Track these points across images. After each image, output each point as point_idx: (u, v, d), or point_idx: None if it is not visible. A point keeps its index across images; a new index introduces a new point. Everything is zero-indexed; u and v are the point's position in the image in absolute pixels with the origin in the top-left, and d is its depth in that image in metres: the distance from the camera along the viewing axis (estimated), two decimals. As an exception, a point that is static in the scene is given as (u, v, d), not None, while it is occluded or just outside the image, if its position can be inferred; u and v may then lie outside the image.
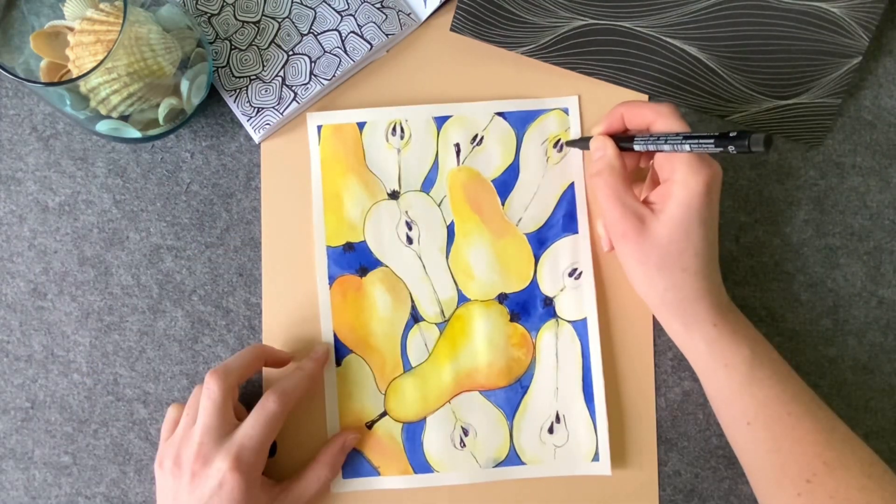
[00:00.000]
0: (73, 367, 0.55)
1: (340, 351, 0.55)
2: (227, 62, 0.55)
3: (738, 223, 0.56)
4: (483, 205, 0.56)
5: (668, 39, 0.56)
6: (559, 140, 0.56)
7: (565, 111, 0.56)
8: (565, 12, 0.56)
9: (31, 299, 0.56)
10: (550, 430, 0.55)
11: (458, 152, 0.56)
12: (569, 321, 0.55)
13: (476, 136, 0.56)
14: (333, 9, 0.56)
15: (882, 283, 0.56)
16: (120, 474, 0.55)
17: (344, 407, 0.55)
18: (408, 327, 0.55)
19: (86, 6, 0.50)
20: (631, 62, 0.56)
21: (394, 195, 0.56)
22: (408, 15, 0.56)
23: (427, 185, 0.56)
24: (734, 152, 0.42)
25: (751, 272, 0.56)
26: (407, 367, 0.55)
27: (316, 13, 0.56)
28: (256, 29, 0.55)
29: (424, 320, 0.55)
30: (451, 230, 0.56)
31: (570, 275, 0.55)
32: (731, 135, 0.42)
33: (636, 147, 0.48)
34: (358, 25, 0.55)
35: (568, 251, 0.56)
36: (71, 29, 0.50)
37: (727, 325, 0.48)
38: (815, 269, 0.56)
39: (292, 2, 0.56)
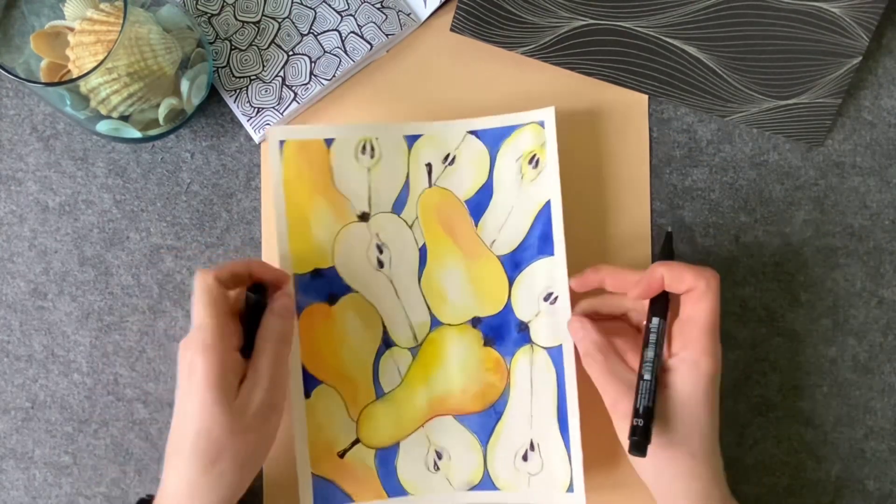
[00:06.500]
0: (73, 367, 0.55)
1: (309, 383, 0.52)
2: (227, 62, 0.55)
3: (738, 223, 0.56)
4: (456, 226, 0.54)
5: (668, 39, 0.56)
6: (534, 156, 0.53)
7: (541, 124, 0.53)
8: (565, 12, 0.56)
9: (32, 299, 0.56)
10: (525, 458, 0.53)
11: (429, 172, 0.54)
12: (544, 347, 0.53)
13: (448, 155, 0.54)
14: (333, 9, 0.56)
15: (882, 283, 0.56)
16: (120, 474, 0.55)
17: (314, 438, 0.52)
18: (379, 353, 0.53)
19: (86, 6, 0.50)
20: (631, 62, 0.56)
21: (363, 217, 0.54)
22: (408, 15, 0.56)
23: (398, 206, 0.54)
24: None
25: (751, 272, 0.56)
26: (379, 394, 0.53)
27: (316, 13, 0.56)
28: (256, 29, 0.55)
29: (396, 345, 0.54)
30: (423, 253, 0.54)
31: (546, 299, 0.53)
32: None
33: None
34: (358, 25, 0.55)
35: (543, 275, 0.53)
36: (71, 29, 0.50)
37: None
38: (815, 269, 0.56)
39: (292, 2, 0.56)
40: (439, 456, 0.53)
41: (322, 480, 0.52)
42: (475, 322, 0.54)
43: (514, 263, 0.54)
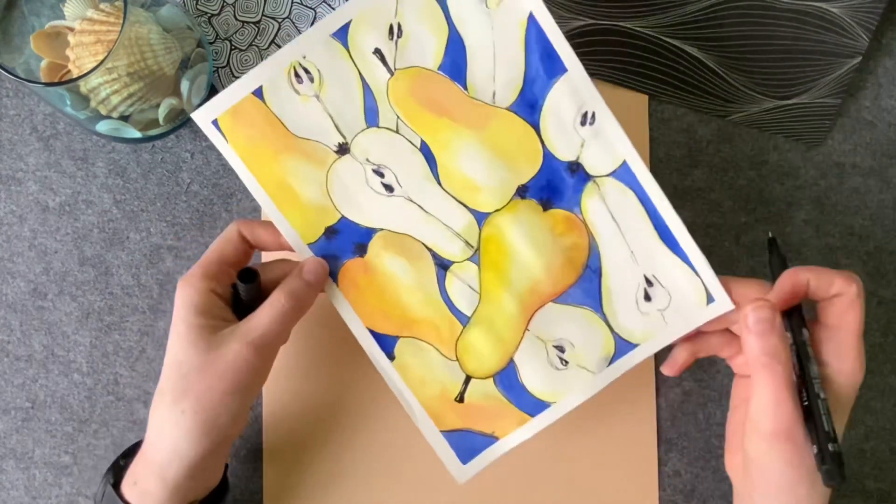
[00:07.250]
0: (73, 366, 0.55)
1: (385, 344, 0.48)
2: (227, 62, 0.55)
3: (738, 223, 0.56)
4: (444, 102, 0.46)
5: (668, 39, 0.56)
6: None
7: None
8: (565, 12, 0.56)
9: (32, 299, 0.56)
10: (647, 298, 0.47)
11: (382, 59, 0.46)
12: (607, 175, 0.46)
13: (391, 27, 0.45)
14: (333, 9, 0.56)
15: (882, 283, 0.56)
16: (120, 474, 0.55)
17: (422, 396, 0.48)
18: (440, 280, 0.47)
19: (86, 6, 0.50)
20: (631, 62, 0.56)
21: (342, 150, 0.46)
22: (408, 15, 0.56)
23: (371, 116, 0.46)
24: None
25: (751, 272, 0.56)
26: (464, 321, 0.47)
27: (316, 13, 0.56)
28: (256, 29, 0.55)
29: (454, 263, 0.47)
30: (426, 150, 0.46)
31: (583, 122, 0.46)
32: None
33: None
34: (358, 25, 0.55)
35: (567, 98, 0.45)
36: (71, 29, 0.50)
37: None
38: (815, 269, 0.56)
39: (292, 2, 0.56)
40: (561, 349, 0.47)
41: (454, 434, 0.48)
42: (522, 192, 0.47)
43: (528, 105, 0.46)
